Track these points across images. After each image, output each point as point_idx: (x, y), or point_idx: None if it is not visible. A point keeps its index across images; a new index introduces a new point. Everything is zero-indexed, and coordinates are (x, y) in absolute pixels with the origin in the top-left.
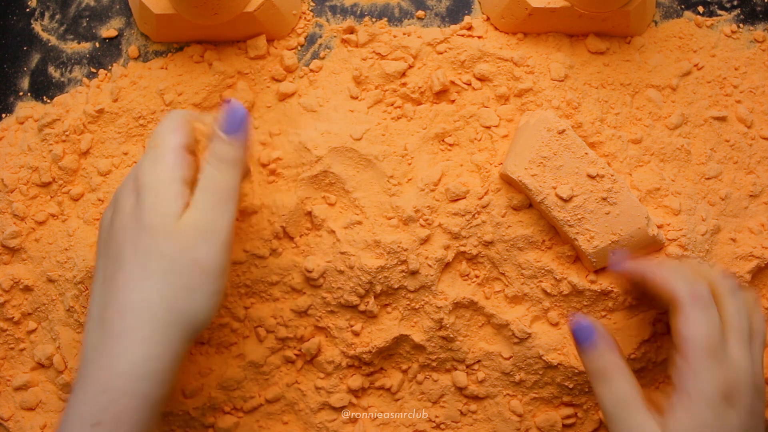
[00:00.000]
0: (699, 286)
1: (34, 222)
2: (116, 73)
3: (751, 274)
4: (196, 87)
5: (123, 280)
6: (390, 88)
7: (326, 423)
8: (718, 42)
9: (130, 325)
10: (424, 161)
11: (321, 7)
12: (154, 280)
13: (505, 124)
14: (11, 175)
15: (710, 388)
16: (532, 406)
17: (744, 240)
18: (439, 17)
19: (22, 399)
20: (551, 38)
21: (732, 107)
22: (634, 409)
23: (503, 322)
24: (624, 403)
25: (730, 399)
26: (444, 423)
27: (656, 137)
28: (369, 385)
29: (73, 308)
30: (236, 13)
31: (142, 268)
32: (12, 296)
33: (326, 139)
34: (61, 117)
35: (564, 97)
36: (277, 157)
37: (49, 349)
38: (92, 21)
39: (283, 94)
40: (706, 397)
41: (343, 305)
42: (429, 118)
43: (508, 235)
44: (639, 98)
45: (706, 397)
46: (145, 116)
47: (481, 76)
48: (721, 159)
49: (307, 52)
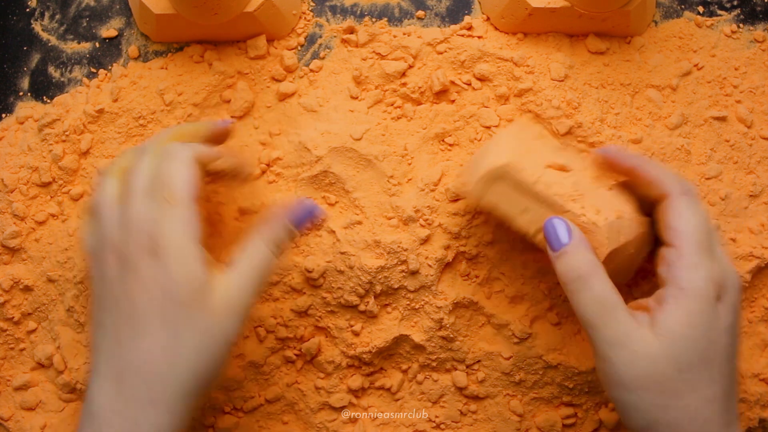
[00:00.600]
0: (689, 183)
1: (34, 222)
2: (116, 73)
3: (751, 274)
4: (196, 87)
5: (147, 348)
6: (390, 88)
7: (326, 423)
8: (718, 42)
9: (157, 396)
10: (424, 161)
11: (321, 7)
12: (185, 354)
13: (505, 124)
14: (11, 175)
15: (703, 281)
16: (532, 406)
17: (744, 240)
18: (439, 17)
19: (22, 399)
20: (551, 38)
21: (732, 107)
22: (619, 309)
23: (503, 322)
24: (606, 305)
25: (720, 295)
26: (444, 423)
27: (656, 137)
28: (369, 385)
29: (73, 308)
30: (236, 13)
31: (172, 340)
32: (12, 296)
33: (326, 139)
34: (61, 117)
35: (564, 97)
36: (277, 157)
37: (49, 349)
38: (92, 21)
39: (283, 94)
40: (700, 290)
41: (343, 305)
42: (429, 118)
43: (508, 235)
44: (639, 98)
45: (700, 289)
46: (145, 116)
47: (481, 76)
48: (721, 159)
49: (307, 52)
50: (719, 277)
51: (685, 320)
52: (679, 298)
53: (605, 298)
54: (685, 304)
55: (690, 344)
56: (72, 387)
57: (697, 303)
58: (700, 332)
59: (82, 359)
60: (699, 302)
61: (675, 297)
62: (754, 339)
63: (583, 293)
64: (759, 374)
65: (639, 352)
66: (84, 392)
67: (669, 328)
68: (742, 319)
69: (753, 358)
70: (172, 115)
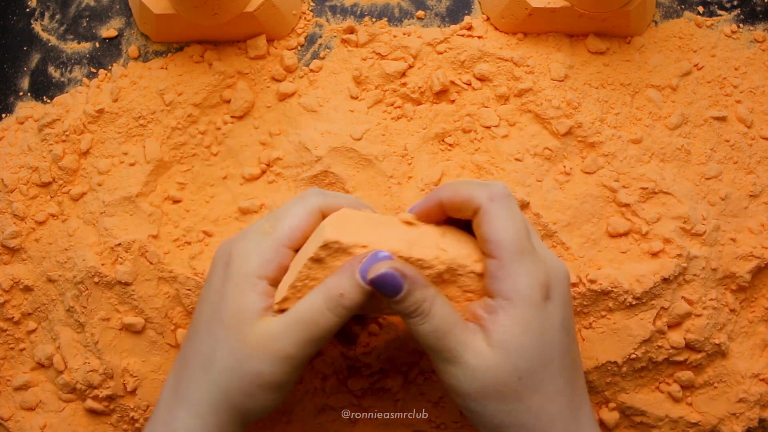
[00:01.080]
0: (494, 186)
1: (34, 222)
2: (116, 73)
3: (751, 274)
4: (196, 87)
5: (194, 350)
6: (390, 88)
7: (326, 423)
8: (718, 42)
9: (193, 396)
10: (424, 161)
11: (321, 7)
12: (217, 368)
13: (505, 124)
14: (11, 175)
15: (528, 286)
16: None
17: (744, 240)
18: (439, 17)
19: (22, 399)
20: (551, 38)
21: (732, 107)
22: (458, 331)
23: None
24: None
25: (546, 293)
26: (444, 423)
27: (656, 137)
28: (369, 386)
29: (73, 308)
30: (236, 13)
31: (211, 352)
32: (12, 296)
33: (326, 139)
34: (61, 117)
35: (564, 97)
36: (276, 157)
37: (49, 349)
38: (92, 21)
39: (283, 94)
40: (526, 297)
41: None
42: (429, 118)
43: None
44: (639, 98)
45: (526, 296)
46: (145, 116)
47: (481, 76)
48: (721, 159)
49: (307, 52)
50: (543, 276)
51: (517, 329)
52: (508, 308)
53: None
54: (515, 314)
55: (526, 351)
56: (72, 387)
57: (525, 310)
58: (533, 338)
59: (82, 359)
60: (527, 309)
61: (503, 308)
62: (754, 339)
63: (424, 325)
64: (759, 374)
65: (476, 366)
66: (84, 392)
67: (502, 340)
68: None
69: (753, 358)
70: (172, 115)
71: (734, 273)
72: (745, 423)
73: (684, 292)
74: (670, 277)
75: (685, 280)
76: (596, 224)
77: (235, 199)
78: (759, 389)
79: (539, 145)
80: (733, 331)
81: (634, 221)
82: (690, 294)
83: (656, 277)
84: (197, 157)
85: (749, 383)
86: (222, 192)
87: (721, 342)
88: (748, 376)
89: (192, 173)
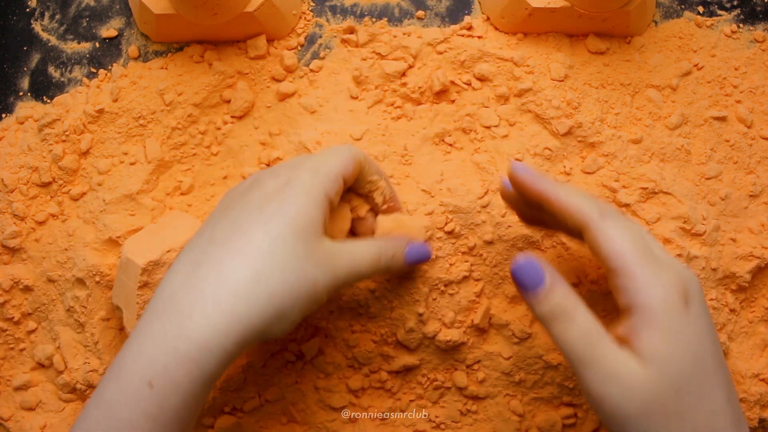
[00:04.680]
0: (602, 202)
1: (34, 222)
2: (116, 73)
3: (751, 274)
4: (196, 87)
5: (237, 248)
6: (390, 88)
7: (326, 423)
8: (718, 42)
9: (221, 296)
10: (424, 161)
11: (321, 7)
12: (260, 265)
13: (505, 124)
14: (11, 175)
15: (664, 293)
16: (532, 406)
17: (744, 240)
18: (439, 17)
19: (22, 399)
20: (551, 38)
21: (732, 107)
22: (604, 343)
23: (503, 322)
24: (591, 339)
25: (685, 298)
26: (444, 423)
27: (656, 137)
28: (369, 385)
29: (73, 308)
30: (236, 13)
31: (257, 251)
32: (12, 296)
33: (326, 139)
34: (61, 117)
35: (564, 97)
36: (276, 157)
37: (49, 349)
38: (92, 21)
39: (283, 94)
40: (665, 304)
41: (343, 306)
42: (429, 118)
43: (508, 235)
44: (639, 98)
45: (665, 303)
46: (145, 116)
47: (481, 76)
48: (721, 159)
49: (307, 52)
50: (679, 282)
51: (664, 341)
52: (649, 320)
53: (591, 331)
54: (658, 324)
55: (679, 363)
56: (72, 387)
57: (668, 318)
58: (684, 347)
59: (82, 359)
60: (669, 317)
61: (644, 321)
62: (754, 339)
63: (569, 331)
64: (759, 374)
65: (633, 385)
66: (84, 392)
67: (653, 355)
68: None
69: (753, 358)
70: (172, 115)
71: (734, 273)
72: None
73: None
74: None
75: None
76: None
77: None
78: (759, 389)
79: (539, 145)
80: (733, 331)
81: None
82: None
83: None
84: (197, 157)
85: (749, 383)
86: (222, 192)
87: (721, 342)
88: (748, 376)
89: (192, 173)
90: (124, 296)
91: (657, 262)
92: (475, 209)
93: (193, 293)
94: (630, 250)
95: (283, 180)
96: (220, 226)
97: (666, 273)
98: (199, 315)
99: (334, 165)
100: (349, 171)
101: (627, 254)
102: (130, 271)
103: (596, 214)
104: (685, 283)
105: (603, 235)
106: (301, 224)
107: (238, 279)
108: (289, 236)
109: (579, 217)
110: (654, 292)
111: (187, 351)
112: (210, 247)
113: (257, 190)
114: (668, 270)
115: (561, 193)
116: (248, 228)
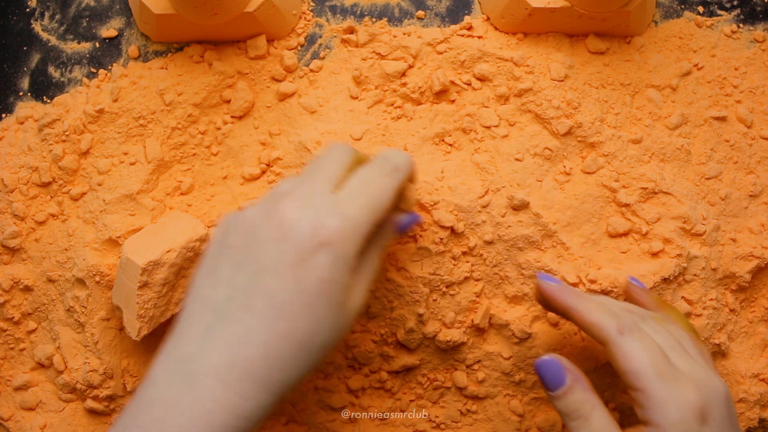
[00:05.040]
0: (623, 316)
1: (34, 222)
2: (116, 73)
3: (751, 274)
4: (196, 87)
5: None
6: (390, 88)
7: (326, 423)
8: (718, 42)
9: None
10: (424, 161)
11: (321, 7)
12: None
13: (505, 124)
14: (11, 175)
15: (678, 412)
16: (532, 406)
17: (744, 240)
18: (439, 17)
19: (22, 399)
20: (551, 38)
21: (732, 107)
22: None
23: (503, 322)
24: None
25: (702, 417)
26: (444, 423)
27: (656, 137)
28: (369, 385)
29: (73, 308)
30: (236, 13)
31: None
32: (12, 296)
33: (326, 139)
34: (61, 117)
35: (564, 97)
36: (276, 157)
37: (49, 349)
38: (92, 21)
39: (283, 94)
40: (678, 423)
41: None
42: (429, 118)
43: (508, 235)
44: (639, 98)
45: (678, 422)
46: (145, 116)
47: (481, 76)
48: (721, 159)
49: (307, 52)
50: (695, 399)
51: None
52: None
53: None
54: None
55: None
56: (72, 387)
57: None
58: None
59: (82, 359)
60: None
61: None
62: (754, 339)
63: (582, 426)
64: (759, 374)
65: None
66: (84, 392)
67: None
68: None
69: (753, 358)
70: (172, 115)
71: (734, 273)
72: (745, 423)
73: (684, 292)
74: (670, 277)
75: (685, 280)
76: (596, 224)
77: (236, 199)
78: (759, 389)
79: (539, 145)
80: (733, 331)
81: (634, 221)
82: (690, 294)
83: (656, 277)
84: (197, 157)
85: (749, 383)
86: (222, 192)
87: (721, 342)
88: (748, 376)
89: (192, 173)
90: (124, 296)
91: (676, 378)
92: (476, 209)
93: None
94: (647, 368)
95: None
96: (246, 270)
97: (683, 391)
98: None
99: (324, 173)
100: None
101: (643, 373)
102: (130, 271)
103: (615, 331)
104: (705, 399)
105: (621, 352)
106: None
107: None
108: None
109: (599, 333)
110: (668, 414)
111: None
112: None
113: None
114: (686, 387)
115: (583, 308)
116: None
